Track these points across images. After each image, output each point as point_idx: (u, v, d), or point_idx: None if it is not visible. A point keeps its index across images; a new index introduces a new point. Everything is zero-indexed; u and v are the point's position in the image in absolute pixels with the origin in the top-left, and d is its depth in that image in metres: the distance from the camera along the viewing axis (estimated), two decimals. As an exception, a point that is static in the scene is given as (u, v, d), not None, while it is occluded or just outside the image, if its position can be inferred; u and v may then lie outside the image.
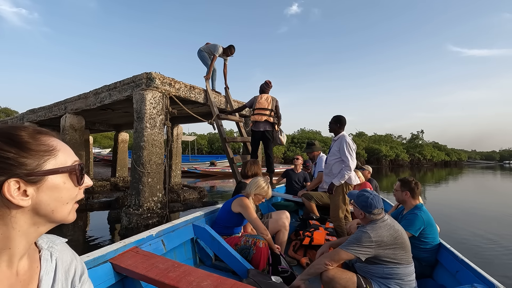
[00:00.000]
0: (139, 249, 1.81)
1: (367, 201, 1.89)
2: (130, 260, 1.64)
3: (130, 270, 1.56)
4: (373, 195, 1.92)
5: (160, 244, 2.06)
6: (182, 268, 1.59)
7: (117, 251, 1.69)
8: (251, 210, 2.37)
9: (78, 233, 4.83)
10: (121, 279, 1.66)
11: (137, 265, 1.59)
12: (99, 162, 23.98)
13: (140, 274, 1.53)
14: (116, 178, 9.78)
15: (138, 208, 4.45)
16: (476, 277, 1.83)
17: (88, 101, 6.00)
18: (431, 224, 2.38)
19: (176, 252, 2.28)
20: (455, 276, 2.06)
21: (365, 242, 1.76)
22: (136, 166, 4.55)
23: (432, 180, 18.30)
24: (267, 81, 4.90)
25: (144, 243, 1.94)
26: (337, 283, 1.75)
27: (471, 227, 5.69)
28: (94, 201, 7.06)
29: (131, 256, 1.69)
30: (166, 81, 4.95)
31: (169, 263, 1.64)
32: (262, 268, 2.21)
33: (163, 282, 1.46)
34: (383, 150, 38.44)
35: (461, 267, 2.04)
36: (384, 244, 1.76)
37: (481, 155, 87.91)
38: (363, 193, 1.96)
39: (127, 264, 1.60)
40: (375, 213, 1.87)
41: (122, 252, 1.72)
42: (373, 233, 1.77)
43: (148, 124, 4.61)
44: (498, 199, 10.30)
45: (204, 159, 20.34)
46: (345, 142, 3.06)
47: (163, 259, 1.70)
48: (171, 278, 1.48)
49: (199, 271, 1.60)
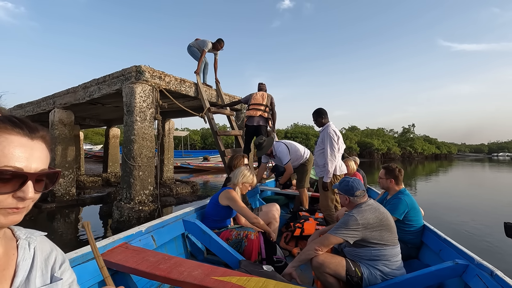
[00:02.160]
0: (128, 245, 1.80)
1: (348, 185, 1.98)
2: (120, 255, 1.63)
3: (120, 265, 1.55)
4: (353, 179, 2.02)
5: (150, 239, 2.04)
6: (173, 260, 1.60)
7: (106, 247, 1.68)
8: (239, 200, 2.40)
9: (69, 228, 4.82)
10: (112, 274, 1.63)
11: (127, 260, 1.58)
12: (90, 158, 23.77)
13: (131, 268, 1.52)
14: (108, 174, 9.72)
15: (130, 201, 4.46)
16: (458, 253, 1.91)
17: (77, 95, 5.93)
18: (414, 207, 2.48)
19: (167, 248, 2.28)
20: (439, 255, 2.15)
21: (352, 225, 1.81)
22: (126, 160, 4.54)
23: (423, 173, 18.65)
24: (261, 82, 5.09)
25: (134, 239, 1.92)
26: (327, 268, 1.79)
27: (458, 214, 5.87)
28: (86, 197, 7.03)
29: (121, 252, 1.68)
30: (156, 74, 4.92)
31: (160, 256, 1.64)
32: (254, 259, 2.24)
33: (154, 273, 1.47)
34: (375, 144, 38.88)
35: (444, 246, 2.13)
36: (370, 226, 1.82)
37: (470, 148, 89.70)
38: (344, 179, 2.07)
39: (116, 259, 1.59)
40: (358, 195, 1.95)
41: (111, 248, 1.71)
42: (359, 216, 1.83)
43: (138, 117, 4.59)
44: (484, 191, 10.59)
45: (197, 154, 20.27)
46: (326, 132, 3.07)
47: (153, 252, 1.70)
48: (162, 270, 1.49)
49: (190, 262, 1.60)
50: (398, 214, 2.38)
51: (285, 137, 34.96)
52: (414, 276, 1.72)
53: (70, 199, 6.53)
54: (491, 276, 1.53)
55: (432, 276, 1.70)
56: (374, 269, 1.83)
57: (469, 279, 1.66)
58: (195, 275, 1.44)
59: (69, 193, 6.60)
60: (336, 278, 1.82)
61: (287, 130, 38.17)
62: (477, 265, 1.67)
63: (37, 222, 5.15)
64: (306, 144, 33.88)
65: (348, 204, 2.01)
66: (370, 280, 1.80)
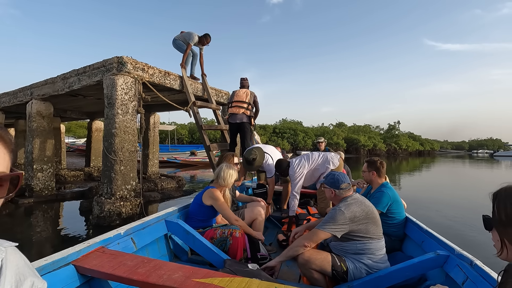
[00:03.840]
0: (105, 249, 1.72)
1: (333, 178, 2.00)
2: (96, 261, 1.55)
3: (95, 271, 1.48)
4: (338, 173, 2.04)
5: (129, 242, 1.96)
6: (152, 263, 1.54)
7: (80, 252, 1.60)
8: (221, 200, 2.35)
9: (47, 225, 4.65)
10: (87, 281, 1.58)
11: (103, 265, 1.51)
12: (73, 152, 23.11)
13: (107, 273, 1.45)
14: (90, 168, 9.46)
15: (111, 197, 4.35)
16: (439, 245, 1.97)
17: (56, 86, 5.70)
18: (396, 200, 2.53)
19: (149, 250, 2.20)
20: (421, 246, 2.20)
21: (340, 219, 1.81)
22: (107, 154, 4.41)
23: (407, 169, 19.14)
24: (243, 77, 5.00)
25: (112, 243, 1.84)
26: (312, 264, 1.80)
27: (439, 207, 6.06)
28: (66, 191, 6.83)
29: (97, 257, 1.60)
30: (139, 66, 4.78)
31: (139, 260, 1.58)
32: (240, 257, 2.21)
33: (131, 278, 1.40)
34: (361, 140, 39.56)
35: (426, 237, 2.18)
36: (357, 219, 1.83)
37: (452, 145, 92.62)
38: (330, 173, 2.10)
39: (92, 264, 1.51)
40: (344, 187, 1.96)
41: (86, 253, 1.63)
42: (346, 209, 1.84)
43: (119, 110, 4.45)
44: (464, 185, 10.97)
45: (184, 149, 20.01)
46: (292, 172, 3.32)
47: (132, 256, 1.64)
48: (140, 274, 1.43)
49: (171, 264, 1.55)
50: (381, 207, 2.42)
51: (273, 132, 35.04)
52: (398, 269, 1.75)
53: (49, 194, 6.32)
54: (471, 265, 1.57)
55: (415, 268, 1.74)
56: (359, 263, 1.84)
57: (450, 269, 1.70)
58: (175, 278, 1.39)
59: (48, 188, 6.37)
60: (322, 273, 1.83)
61: (276, 125, 38.24)
62: (458, 255, 1.71)
63: (14, 218, 4.94)
64: (294, 140, 34.12)
65: (334, 197, 2.02)
66: (355, 274, 1.82)
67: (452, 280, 1.65)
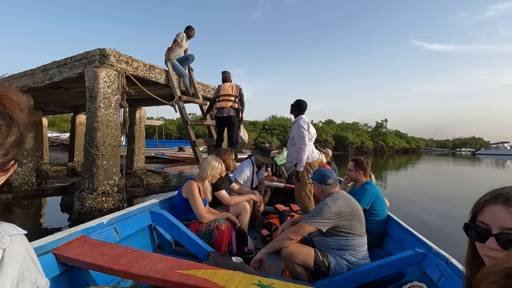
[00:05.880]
0: (87, 238, 1.68)
1: (321, 173, 2.04)
2: (77, 250, 1.52)
3: (76, 259, 1.45)
4: (326, 169, 2.08)
5: (112, 232, 1.93)
6: (135, 254, 1.52)
7: (60, 240, 1.56)
8: (195, 195, 2.32)
9: (26, 221, 4.52)
10: (67, 269, 1.55)
11: (84, 254, 1.48)
12: (57, 146, 22.51)
13: (88, 263, 1.42)
14: (74, 163, 9.23)
15: (92, 192, 4.25)
16: (418, 243, 2.02)
17: (36, 78, 5.50)
18: (379, 197, 2.60)
19: (132, 240, 2.17)
20: (401, 244, 2.26)
21: (326, 214, 1.85)
22: (89, 148, 4.30)
23: (393, 166, 19.54)
24: (224, 70, 4.94)
25: (94, 232, 1.80)
26: (296, 258, 1.83)
27: (423, 203, 6.22)
28: (47, 187, 6.64)
29: (78, 246, 1.57)
30: (123, 58, 4.66)
31: (121, 250, 1.56)
32: (224, 250, 2.22)
33: (113, 268, 1.38)
34: (349, 138, 40.10)
35: (406, 235, 2.24)
36: (342, 214, 1.86)
37: (437, 143, 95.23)
38: (317, 169, 2.15)
39: (72, 253, 1.48)
40: (330, 183, 2.00)
41: (67, 241, 1.59)
42: (333, 204, 1.87)
43: (102, 104, 4.35)
44: (446, 184, 11.30)
45: (172, 145, 19.77)
46: (298, 124, 3.13)
47: (114, 246, 1.61)
48: (122, 264, 1.40)
49: (154, 255, 1.53)
50: (364, 204, 2.48)
51: (263, 129, 35.06)
52: (377, 265, 1.80)
53: (29, 190, 6.12)
54: (446, 264, 1.62)
55: (393, 265, 1.79)
56: (341, 258, 1.88)
57: (426, 266, 1.75)
58: (159, 268, 1.38)
59: (28, 183, 6.18)
60: (305, 267, 1.86)
61: (265, 122, 38.26)
62: (435, 253, 1.76)
63: (-9, 214, 4.78)
64: (284, 137, 34.26)
65: (320, 193, 2.05)
66: (337, 269, 1.86)
67: (428, 277, 1.70)
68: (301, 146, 3.07)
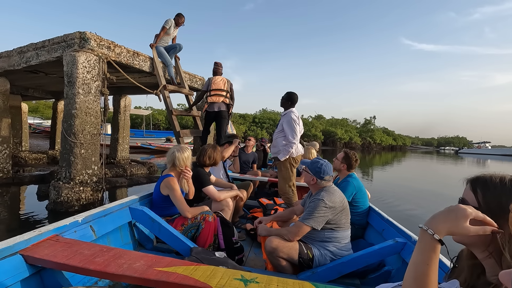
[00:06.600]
0: (60, 237, 1.59)
1: (321, 168, 1.98)
2: (48, 250, 1.43)
3: (46, 260, 1.36)
4: (326, 163, 2.02)
5: (88, 230, 1.84)
6: (112, 252, 1.45)
7: (30, 241, 1.47)
8: (177, 190, 2.25)
9: (0, 209, 4.33)
10: (38, 271, 1.45)
11: (56, 254, 1.40)
12: (40, 133, 21.78)
13: (59, 263, 1.34)
14: (55, 151, 8.93)
15: (69, 181, 4.10)
16: (398, 232, 2.08)
17: (12, 61, 5.22)
18: (361, 190, 2.65)
19: (110, 238, 2.09)
20: (382, 234, 2.32)
21: (322, 210, 1.85)
22: (67, 136, 4.13)
23: (379, 162, 19.89)
24: (217, 62, 4.76)
25: (67, 231, 1.70)
26: (280, 252, 1.82)
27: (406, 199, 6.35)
28: (25, 175, 6.39)
29: (49, 246, 1.48)
30: (104, 43, 4.47)
31: (97, 248, 1.49)
32: (209, 243, 2.17)
33: (87, 268, 1.31)
34: (338, 133, 40.51)
35: (386, 226, 2.30)
36: (335, 209, 1.88)
37: (422, 141, 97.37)
38: (317, 160, 2.07)
39: (43, 254, 1.39)
40: (326, 179, 1.98)
41: (37, 241, 1.50)
42: (327, 198, 1.87)
43: (80, 90, 4.16)
44: (428, 179, 11.59)
45: (160, 135, 19.43)
46: (290, 117, 3.11)
47: (89, 245, 1.54)
48: (97, 264, 1.33)
49: (133, 253, 1.47)
50: (347, 196, 2.49)
51: (253, 122, 34.93)
52: (359, 255, 1.84)
53: (4, 177, 5.88)
54: None
55: (375, 254, 1.84)
56: (325, 250, 1.89)
57: (406, 255, 1.80)
58: (137, 267, 1.32)
59: (3, 171, 5.93)
60: (289, 261, 1.87)
61: (256, 115, 38.12)
62: (414, 242, 1.79)
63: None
64: (273, 130, 34.26)
65: (313, 184, 2.02)
66: (320, 260, 1.88)
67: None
68: (293, 140, 3.07)
